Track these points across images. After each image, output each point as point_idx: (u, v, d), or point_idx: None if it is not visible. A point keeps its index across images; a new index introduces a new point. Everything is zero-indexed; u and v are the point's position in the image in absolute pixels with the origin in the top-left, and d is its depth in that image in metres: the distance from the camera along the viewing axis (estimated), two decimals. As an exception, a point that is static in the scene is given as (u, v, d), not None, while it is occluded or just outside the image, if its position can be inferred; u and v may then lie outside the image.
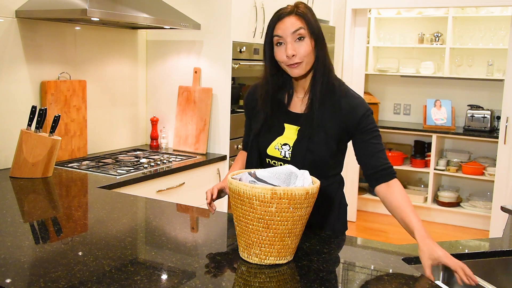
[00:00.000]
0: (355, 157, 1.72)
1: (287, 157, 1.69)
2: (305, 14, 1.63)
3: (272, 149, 1.72)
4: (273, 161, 1.73)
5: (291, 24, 1.61)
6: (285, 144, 1.70)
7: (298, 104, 1.74)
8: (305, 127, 1.68)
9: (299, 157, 1.66)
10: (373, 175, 1.67)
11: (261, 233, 1.33)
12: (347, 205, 1.85)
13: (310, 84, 1.70)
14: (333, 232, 1.74)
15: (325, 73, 1.67)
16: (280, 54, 1.64)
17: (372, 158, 1.66)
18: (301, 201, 1.31)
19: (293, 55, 1.61)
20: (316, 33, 1.63)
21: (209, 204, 1.74)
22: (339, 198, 1.80)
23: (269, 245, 1.34)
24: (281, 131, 1.73)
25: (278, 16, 1.64)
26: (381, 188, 1.65)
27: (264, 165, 1.75)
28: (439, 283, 1.51)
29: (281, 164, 1.70)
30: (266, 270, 1.35)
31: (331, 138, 1.66)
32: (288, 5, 1.67)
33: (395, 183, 1.64)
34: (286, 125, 1.73)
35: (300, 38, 1.61)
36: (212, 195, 1.74)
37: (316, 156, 1.66)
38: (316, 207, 1.72)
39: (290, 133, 1.71)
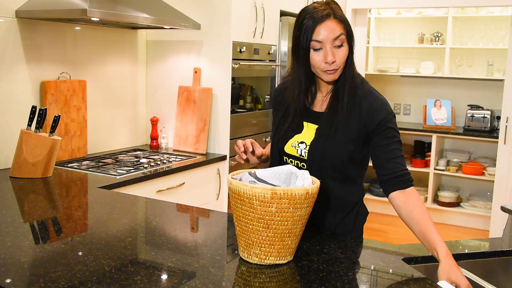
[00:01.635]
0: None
1: (303, 156, 1.67)
2: (344, 18, 1.56)
3: (289, 147, 1.70)
4: (289, 159, 1.71)
5: (332, 29, 1.53)
6: (302, 142, 1.68)
7: (320, 102, 1.69)
8: (324, 127, 1.64)
9: (316, 157, 1.64)
10: (389, 181, 1.58)
11: (261, 233, 1.33)
12: (364, 214, 1.79)
13: (335, 84, 1.65)
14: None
15: (349, 73, 1.62)
16: (318, 60, 1.56)
17: (389, 163, 1.59)
18: (301, 201, 1.31)
19: (333, 62, 1.55)
20: (352, 37, 1.59)
21: (242, 152, 1.74)
22: (357, 208, 1.75)
23: (269, 245, 1.34)
24: (299, 129, 1.70)
25: (317, 19, 1.53)
26: (396, 195, 1.57)
27: (283, 163, 1.70)
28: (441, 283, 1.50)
29: (297, 163, 1.69)
30: (266, 270, 1.35)
31: (349, 139, 1.61)
32: (317, 3, 1.58)
33: (412, 192, 1.56)
34: (305, 123, 1.69)
35: (340, 46, 1.55)
36: (244, 146, 1.72)
37: (333, 157, 1.62)
38: (329, 214, 1.71)
39: (309, 131, 1.68)
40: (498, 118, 4.97)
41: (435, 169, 5.20)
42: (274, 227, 1.32)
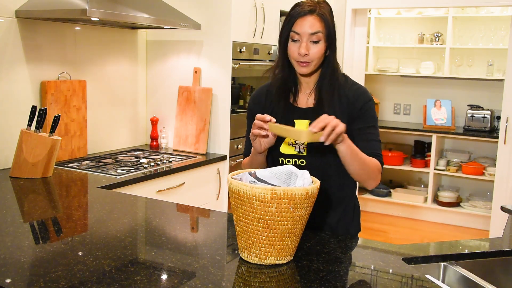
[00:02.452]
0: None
1: (302, 152, 1.69)
2: (326, 16, 1.63)
3: (286, 147, 1.71)
4: (287, 159, 1.72)
5: (311, 24, 1.62)
6: None
7: (305, 99, 1.75)
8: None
9: (316, 150, 1.66)
10: None
11: (261, 233, 1.33)
12: (359, 206, 1.86)
13: (318, 82, 1.72)
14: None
15: (332, 73, 1.69)
16: (293, 50, 1.65)
17: (365, 143, 1.67)
18: (301, 201, 1.31)
19: (305, 54, 1.63)
20: (332, 37, 1.65)
21: (262, 126, 1.60)
22: (353, 200, 1.82)
23: (269, 245, 1.34)
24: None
25: (300, 13, 1.63)
26: None
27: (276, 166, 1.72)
28: (438, 282, 1.51)
29: (295, 161, 1.70)
30: (266, 270, 1.35)
31: None
32: (309, 0, 1.66)
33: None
34: (296, 120, 1.72)
35: (316, 42, 1.63)
36: (268, 119, 1.59)
37: (331, 148, 1.64)
38: (331, 209, 1.74)
39: (301, 128, 1.70)
40: (498, 118, 4.97)
41: (435, 169, 5.19)
42: (274, 227, 1.32)
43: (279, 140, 1.72)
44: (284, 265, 1.38)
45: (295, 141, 1.70)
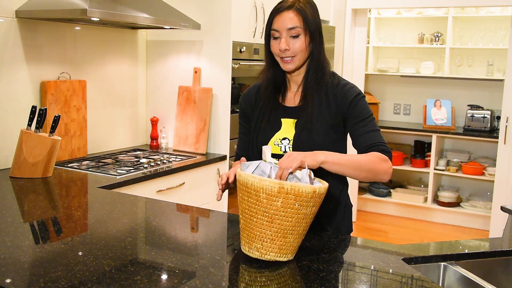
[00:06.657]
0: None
1: (287, 152, 1.68)
2: (304, 10, 1.64)
3: (272, 146, 1.71)
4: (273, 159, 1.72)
5: (288, 20, 1.64)
6: (284, 139, 1.71)
7: (292, 98, 1.76)
8: (302, 119, 1.69)
9: (301, 150, 1.64)
10: (367, 150, 1.62)
11: (265, 227, 1.33)
12: (351, 206, 1.85)
13: (303, 78, 1.73)
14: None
15: (318, 68, 1.70)
16: (275, 47, 1.68)
17: (362, 137, 1.64)
18: (307, 199, 1.31)
19: (286, 50, 1.65)
20: (312, 30, 1.66)
21: (222, 187, 1.58)
22: (344, 199, 1.80)
23: (271, 240, 1.35)
24: (278, 127, 1.73)
25: (277, 10, 1.67)
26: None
27: None
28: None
29: None
30: (267, 271, 1.35)
31: (328, 127, 1.68)
32: None
33: (379, 153, 1.59)
34: (282, 119, 1.74)
35: (296, 36, 1.64)
36: (228, 178, 1.57)
37: (317, 147, 1.65)
38: (321, 208, 1.73)
39: (288, 126, 1.72)
40: (498, 118, 4.97)
41: (435, 169, 5.20)
42: (278, 222, 1.32)
43: (266, 138, 1.73)
44: (285, 265, 1.38)
45: (280, 140, 1.71)
